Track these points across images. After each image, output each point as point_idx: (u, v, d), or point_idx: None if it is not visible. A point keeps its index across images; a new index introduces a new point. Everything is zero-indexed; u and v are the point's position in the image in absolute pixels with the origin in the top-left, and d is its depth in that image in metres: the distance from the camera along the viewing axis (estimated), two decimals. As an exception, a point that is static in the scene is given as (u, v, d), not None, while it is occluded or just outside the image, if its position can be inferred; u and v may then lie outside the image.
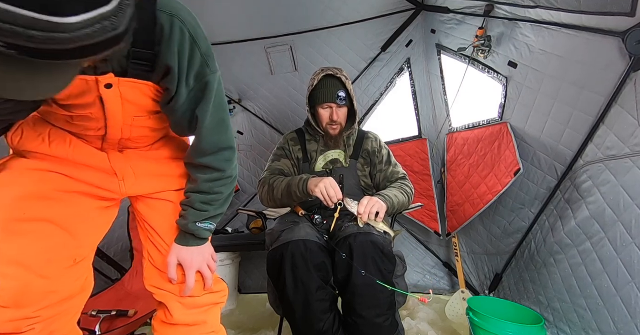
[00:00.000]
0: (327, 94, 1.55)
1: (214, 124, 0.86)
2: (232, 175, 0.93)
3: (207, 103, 0.83)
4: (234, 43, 2.62)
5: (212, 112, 0.84)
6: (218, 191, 0.92)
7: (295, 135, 1.72)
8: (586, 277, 1.30)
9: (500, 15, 1.66)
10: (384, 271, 1.24)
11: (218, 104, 0.85)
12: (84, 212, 0.86)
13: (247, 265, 2.66)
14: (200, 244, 0.94)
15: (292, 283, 1.22)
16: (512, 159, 1.68)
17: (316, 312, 1.21)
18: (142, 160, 0.94)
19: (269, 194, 1.51)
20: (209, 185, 0.91)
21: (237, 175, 0.96)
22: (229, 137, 0.91)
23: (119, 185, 0.91)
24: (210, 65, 0.81)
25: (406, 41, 2.43)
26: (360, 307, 1.22)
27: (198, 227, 0.91)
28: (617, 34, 1.15)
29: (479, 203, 1.88)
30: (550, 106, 1.48)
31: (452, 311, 1.97)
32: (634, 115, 1.12)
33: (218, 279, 1.03)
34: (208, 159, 0.89)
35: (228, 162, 0.91)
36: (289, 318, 1.30)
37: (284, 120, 2.85)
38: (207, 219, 0.93)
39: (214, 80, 0.82)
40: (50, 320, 0.76)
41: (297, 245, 1.24)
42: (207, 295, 0.98)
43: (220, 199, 0.94)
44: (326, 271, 1.27)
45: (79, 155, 0.86)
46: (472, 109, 2.09)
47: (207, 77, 0.81)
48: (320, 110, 1.59)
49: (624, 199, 1.15)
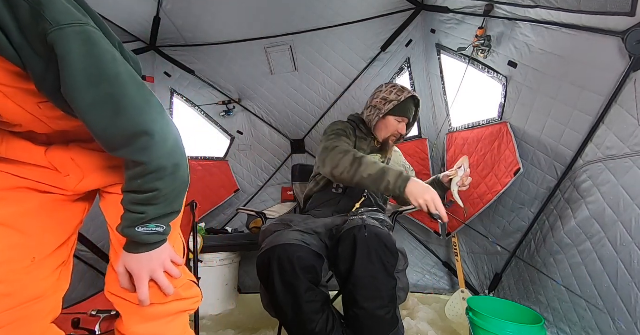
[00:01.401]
0: (408, 110, 1.75)
1: (95, 104, 0.61)
2: (161, 166, 0.69)
3: (68, 74, 0.57)
4: (234, 43, 2.62)
5: (87, 88, 0.59)
6: (151, 189, 0.71)
7: (350, 127, 1.75)
8: (586, 277, 1.29)
9: (500, 15, 1.66)
10: (387, 264, 1.24)
11: (94, 73, 0.59)
12: (35, 209, 0.77)
13: (247, 265, 2.66)
14: (150, 249, 0.76)
15: (281, 286, 1.21)
16: (512, 159, 1.68)
17: (307, 314, 1.21)
18: (89, 152, 0.81)
19: (353, 166, 1.42)
20: (137, 183, 0.71)
21: (179, 164, 0.73)
22: (132, 119, 0.64)
23: (64, 181, 0.80)
24: (48, 16, 0.54)
25: (406, 41, 2.43)
26: (362, 298, 1.22)
27: (138, 233, 0.73)
28: (617, 34, 1.14)
29: (479, 203, 1.88)
30: (550, 106, 1.48)
31: (452, 311, 1.97)
32: (634, 115, 1.12)
33: (190, 285, 0.90)
34: (119, 153, 0.68)
35: (145, 151, 0.67)
36: (281, 320, 1.30)
37: (284, 120, 2.85)
38: (150, 222, 0.74)
39: (63, 39, 0.55)
40: (14, 326, 0.69)
41: (284, 250, 1.24)
42: (173, 304, 0.84)
43: (160, 197, 0.72)
44: (316, 273, 1.26)
45: (15, 153, 0.77)
46: (472, 109, 2.09)
47: (49, 36, 0.55)
48: (393, 120, 1.73)
49: (624, 199, 1.15)
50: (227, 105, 2.83)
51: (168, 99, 2.83)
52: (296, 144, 2.88)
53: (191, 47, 2.69)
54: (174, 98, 2.85)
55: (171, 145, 0.71)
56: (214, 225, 2.85)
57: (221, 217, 2.91)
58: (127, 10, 2.28)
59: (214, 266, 2.32)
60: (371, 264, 1.22)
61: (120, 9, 2.24)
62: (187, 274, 0.91)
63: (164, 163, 0.70)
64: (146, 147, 0.67)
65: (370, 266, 1.22)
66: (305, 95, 2.75)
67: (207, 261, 2.30)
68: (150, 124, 0.66)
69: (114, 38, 0.72)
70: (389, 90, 1.75)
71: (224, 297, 2.35)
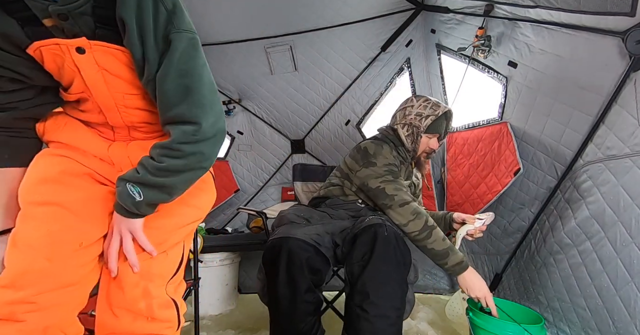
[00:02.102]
0: (442, 126, 1.64)
1: (176, 90, 0.75)
2: (179, 149, 0.77)
3: (169, 63, 0.74)
4: (234, 43, 2.62)
5: (174, 76, 0.75)
6: (160, 160, 0.77)
7: (396, 154, 1.61)
8: (586, 277, 1.29)
9: (500, 15, 1.66)
10: (401, 267, 1.24)
11: (182, 69, 0.75)
12: (91, 196, 0.84)
13: (247, 265, 2.66)
14: (119, 211, 0.79)
15: (284, 278, 1.21)
16: (512, 158, 1.68)
17: (301, 312, 1.21)
18: (143, 151, 0.87)
19: (422, 233, 1.37)
20: (155, 152, 0.78)
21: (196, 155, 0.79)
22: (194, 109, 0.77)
23: (116, 175, 0.85)
24: (175, 22, 0.73)
25: (406, 41, 2.43)
26: (373, 295, 1.19)
27: (124, 188, 0.77)
28: (617, 34, 1.14)
29: (479, 203, 1.88)
30: (550, 106, 1.48)
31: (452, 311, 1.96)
32: (634, 115, 1.12)
33: (169, 304, 0.84)
34: (166, 127, 0.79)
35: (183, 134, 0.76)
36: (272, 309, 1.28)
37: (284, 120, 2.86)
38: (138, 184, 0.77)
39: (178, 39, 0.74)
40: (47, 312, 0.72)
41: (298, 245, 1.24)
42: (142, 322, 0.79)
43: (163, 169, 0.77)
44: (320, 277, 1.27)
45: (83, 143, 0.87)
46: (472, 109, 2.09)
47: (170, 36, 0.73)
48: (429, 139, 1.63)
49: (624, 199, 1.15)
50: (227, 105, 2.83)
51: (168, 99, 2.82)
52: (296, 144, 2.89)
53: (191, 47, 2.69)
54: (174, 98, 2.85)
55: (208, 139, 0.78)
56: (214, 225, 2.85)
57: (221, 217, 2.91)
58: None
59: (214, 266, 2.32)
60: (387, 262, 1.22)
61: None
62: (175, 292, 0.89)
63: (185, 148, 0.77)
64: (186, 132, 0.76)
65: (387, 263, 1.22)
66: (305, 95, 2.75)
67: (207, 261, 2.30)
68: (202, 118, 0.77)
69: None
70: (422, 104, 1.62)
71: (224, 297, 2.35)
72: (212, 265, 2.31)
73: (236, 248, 2.41)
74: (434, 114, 1.58)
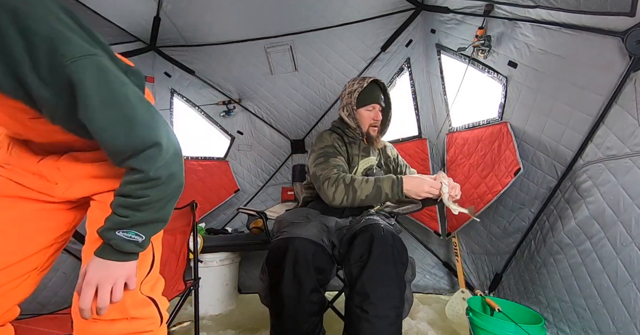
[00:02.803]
0: (374, 96, 1.67)
1: (110, 125, 0.67)
2: (157, 176, 0.73)
3: (86, 102, 0.64)
4: (234, 43, 2.62)
5: (102, 111, 0.65)
6: (143, 195, 0.73)
7: (337, 136, 1.68)
8: (586, 277, 1.30)
9: (500, 15, 1.66)
10: (399, 266, 1.24)
11: (107, 97, 0.66)
12: (21, 216, 0.82)
13: (247, 265, 2.66)
14: (120, 259, 0.75)
15: (290, 278, 1.21)
16: (512, 158, 1.68)
17: (305, 312, 1.21)
18: (75, 162, 0.85)
19: (349, 195, 1.39)
20: (131, 188, 0.73)
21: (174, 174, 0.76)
22: (143, 135, 0.70)
23: (53, 188, 0.84)
24: (65, 51, 0.61)
25: (406, 41, 2.43)
26: (373, 295, 1.19)
27: (117, 237, 0.73)
28: (617, 34, 1.15)
29: (479, 203, 1.88)
30: (550, 106, 1.48)
31: (452, 311, 1.97)
32: (634, 115, 1.12)
33: (145, 302, 0.83)
34: (126, 164, 0.73)
35: (149, 160, 0.71)
36: (275, 310, 1.27)
37: (284, 120, 2.85)
38: (132, 228, 0.74)
39: (81, 69, 0.62)
40: None
41: (303, 244, 1.24)
42: (122, 323, 0.78)
43: (148, 203, 0.74)
44: (325, 276, 1.27)
45: (16, 159, 0.85)
46: (472, 109, 2.09)
47: (65, 68, 0.61)
48: (364, 112, 1.66)
49: (624, 199, 1.15)
50: (227, 105, 2.83)
51: (168, 99, 2.83)
52: (296, 144, 2.88)
53: (191, 47, 2.69)
54: (174, 98, 2.85)
55: (171, 155, 0.75)
56: (214, 225, 2.85)
57: (221, 217, 2.91)
58: (127, 10, 2.27)
59: (214, 266, 2.32)
60: (385, 262, 1.22)
61: (120, 9, 2.24)
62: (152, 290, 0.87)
63: (160, 172, 0.73)
64: (151, 157, 0.72)
65: (384, 263, 1.22)
66: (305, 95, 2.75)
67: (207, 261, 2.30)
68: (158, 137, 0.72)
69: (117, 60, 0.77)
70: (350, 83, 1.71)
71: (224, 297, 2.35)
72: (212, 265, 2.31)
73: (236, 248, 2.41)
74: (360, 86, 1.65)
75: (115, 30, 2.34)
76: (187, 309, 2.18)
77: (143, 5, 2.27)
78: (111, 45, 2.60)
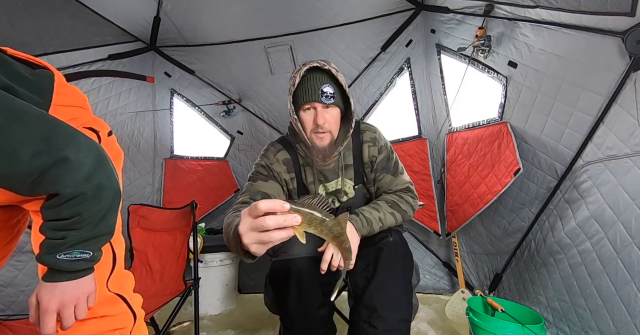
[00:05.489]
0: (309, 91, 1.16)
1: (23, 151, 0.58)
2: (78, 193, 0.64)
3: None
4: (234, 43, 2.62)
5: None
6: (73, 214, 0.65)
7: (288, 157, 1.30)
8: (586, 277, 1.30)
9: (500, 15, 1.66)
10: (407, 270, 1.21)
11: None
12: None
13: (247, 265, 2.66)
14: (73, 277, 0.68)
15: (296, 296, 1.17)
16: (512, 159, 1.68)
17: (314, 328, 1.18)
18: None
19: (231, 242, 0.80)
20: (54, 212, 0.65)
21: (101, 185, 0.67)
22: (37, 153, 0.59)
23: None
24: None
25: (406, 41, 2.43)
26: (381, 307, 1.10)
27: (58, 260, 0.66)
28: (617, 34, 1.15)
29: (479, 203, 1.88)
30: (550, 106, 1.48)
31: (452, 311, 1.97)
32: (634, 115, 1.12)
33: (113, 299, 0.79)
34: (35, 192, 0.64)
35: (60, 180, 0.62)
36: (285, 325, 1.25)
37: (284, 120, 2.85)
38: (72, 248, 0.66)
39: None
40: None
41: (304, 263, 1.21)
42: (91, 322, 0.74)
43: (81, 221, 0.66)
44: (331, 287, 1.24)
45: None
46: (472, 109, 2.09)
47: None
48: (302, 114, 1.20)
49: (624, 199, 1.15)
50: (227, 105, 2.83)
51: (168, 99, 2.83)
52: (296, 144, 2.88)
53: (191, 47, 2.70)
54: (174, 98, 2.85)
55: (90, 165, 0.65)
56: (214, 225, 2.85)
57: (221, 217, 2.91)
58: (127, 10, 2.28)
59: (214, 266, 2.32)
60: (393, 270, 1.17)
61: (120, 9, 2.24)
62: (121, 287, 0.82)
63: (82, 188, 0.64)
64: (59, 176, 0.62)
65: (392, 271, 1.16)
66: (305, 95, 2.74)
67: (207, 261, 2.30)
68: (60, 152, 0.62)
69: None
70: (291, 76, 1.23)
71: (224, 297, 2.35)
72: (212, 265, 2.31)
73: (236, 248, 2.41)
74: (293, 85, 1.19)
75: (115, 30, 2.34)
76: (187, 309, 2.18)
77: (143, 5, 2.27)
78: (111, 45, 2.59)
